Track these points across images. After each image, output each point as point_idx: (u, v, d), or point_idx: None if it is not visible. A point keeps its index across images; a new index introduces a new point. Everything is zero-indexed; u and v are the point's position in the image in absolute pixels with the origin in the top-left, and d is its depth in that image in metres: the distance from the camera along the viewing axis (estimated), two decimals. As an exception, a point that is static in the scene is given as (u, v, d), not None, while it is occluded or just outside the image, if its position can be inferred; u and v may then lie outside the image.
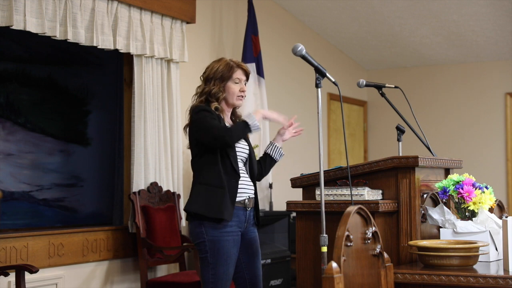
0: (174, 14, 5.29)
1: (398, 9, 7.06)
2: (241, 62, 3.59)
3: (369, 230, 2.64)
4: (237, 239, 3.37)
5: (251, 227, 3.50)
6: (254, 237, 3.52)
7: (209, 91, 3.45)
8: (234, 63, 3.53)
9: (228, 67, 3.50)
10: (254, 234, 3.53)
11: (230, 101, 3.49)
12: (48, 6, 4.31)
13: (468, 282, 2.64)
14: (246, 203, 3.41)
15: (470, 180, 3.14)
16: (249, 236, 3.49)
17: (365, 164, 3.15)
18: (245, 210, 3.40)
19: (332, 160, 8.16)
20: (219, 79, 3.47)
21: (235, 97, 3.49)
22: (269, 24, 6.95)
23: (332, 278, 2.30)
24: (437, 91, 8.62)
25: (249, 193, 3.43)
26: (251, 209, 3.45)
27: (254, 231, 3.53)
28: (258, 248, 3.54)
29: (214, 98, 3.44)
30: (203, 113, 3.36)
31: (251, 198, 3.44)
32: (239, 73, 3.50)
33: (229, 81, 3.47)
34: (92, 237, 4.80)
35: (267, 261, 5.56)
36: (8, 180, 4.73)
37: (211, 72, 3.50)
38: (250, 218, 3.47)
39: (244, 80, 3.53)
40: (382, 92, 4.05)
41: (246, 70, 3.55)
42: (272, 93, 6.79)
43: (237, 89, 3.48)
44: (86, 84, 5.32)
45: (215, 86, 3.45)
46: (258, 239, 3.58)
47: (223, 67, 3.49)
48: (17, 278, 3.89)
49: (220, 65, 3.51)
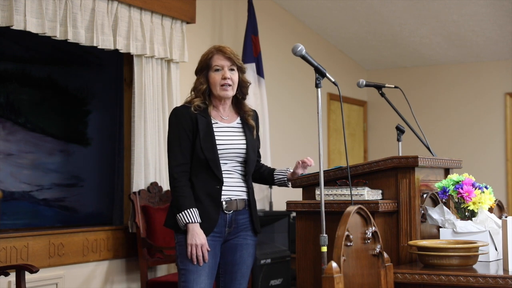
0: (174, 14, 5.29)
1: (398, 9, 7.06)
2: (223, 45, 3.19)
3: (369, 230, 2.64)
4: (211, 244, 3.11)
5: (244, 232, 3.22)
6: (242, 244, 3.22)
7: (194, 85, 3.19)
8: (213, 48, 3.17)
9: (207, 54, 3.16)
10: (245, 241, 3.23)
11: (214, 93, 3.15)
12: (48, 6, 4.31)
13: (468, 282, 2.64)
14: (224, 206, 3.14)
15: (470, 180, 3.14)
16: (235, 242, 3.21)
17: (365, 164, 3.15)
18: (224, 214, 3.15)
19: (332, 160, 8.16)
20: (200, 70, 3.18)
21: (218, 88, 3.13)
22: (269, 24, 6.95)
23: (332, 278, 2.31)
24: (437, 91, 8.62)
25: (230, 195, 3.17)
26: (237, 212, 3.18)
27: (246, 238, 3.23)
28: (243, 257, 3.22)
29: (198, 92, 3.16)
30: (171, 129, 3.13)
31: (233, 201, 3.17)
32: (219, 59, 3.13)
33: (209, 71, 3.14)
34: (92, 237, 4.81)
35: (267, 261, 5.57)
36: (8, 180, 4.73)
37: (198, 64, 3.21)
38: (239, 222, 3.20)
39: (228, 66, 3.13)
40: (382, 92, 4.05)
41: (227, 53, 3.13)
42: (272, 93, 6.79)
43: (218, 78, 3.12)
44: (86, 84, 5.32)
45: (197, 79, 3.17)
46: (252, 248, 3.26)
47: (203, 56, 3.18)
48: (17, 278, 3.89)
49: (203, 54, 3.20)
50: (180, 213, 3.07)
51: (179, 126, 3.12)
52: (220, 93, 3.15)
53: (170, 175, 3.13)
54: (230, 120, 3.24)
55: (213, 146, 3.11)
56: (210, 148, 3.10)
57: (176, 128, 3.13)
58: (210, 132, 3.12)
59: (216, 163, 3.11)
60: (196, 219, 3.07)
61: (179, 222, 3.09)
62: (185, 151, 3.11)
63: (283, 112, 7.22)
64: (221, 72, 3.13)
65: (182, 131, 3.11)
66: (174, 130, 3.13)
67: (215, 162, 3.11)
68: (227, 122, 3.22)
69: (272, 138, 6.56)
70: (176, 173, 3.10)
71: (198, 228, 3.07)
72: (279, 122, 7.04)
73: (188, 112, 3.13)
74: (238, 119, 3.27)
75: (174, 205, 3.12)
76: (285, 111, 7.26)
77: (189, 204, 3.07)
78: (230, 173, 3.18)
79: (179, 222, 3.09)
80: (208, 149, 3.10)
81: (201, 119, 3.12)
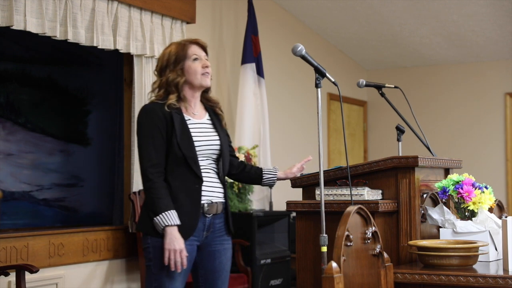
0: (174, 14, 5.29)
1: (398, 9, 7.06)
2: (195, 38, 3.19)
3: (369, 230, 2.64)
4: (188, 249, 2.98)
5: (220, 237, 3.13)
6: (220, 250, 3.12)
7: (166, 80, 3.05)
8: (186, 40, 3.14)
9: (181, 46, 3.10)
10: (222, 246, 3.13)
11: (195, 82, 3.07)
12: (48, 6, 4.31)
13: (468, 282, 2.65)
14: (205, 209, 3.05)
15: (470, 180, 3.14)
16: (213, 248, 3.11)
17: (365, 164, 3.16)
18: (204, 217, 3.05)
19: (332, 160, 8.16)
20: (173, 63, 3.06)
21: (199, 76, 3.07)
22: (269, 24, 6.95)
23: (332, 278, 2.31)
24: (437, 91, 8.62)
25: (211, 197, 3.07)
26: (215, 216, 3.08)
27: (223, 243, 3.14)
28: (223, 263, 3.13)
29: (173, 87, 3.04)
30: (143, 128, 2.99)
31: (214, 203, 3.07)
32: (195, 49, 3.10)
33: (186, 61, 3.06)
34: (92, 237, 4.81)
35: (267, 261, 5.57)
36: (8, 180, 4.73)
37: (164, 60, 3.10)
38: (216, 227, 3.10)
39: (204, 56, 3.11)
40: (382, 92, 4.05)
41: (203, 44, 3.13)
42: (272, 93, 6.79)
43: (198, 66, 3.07)
44: (86, 84, 5.32)
45: (171, 73, 3.05)
46: (230, 251, 3.17)
47: (175, 49, 3.10)
48: (18, 278, 3.89)
49: (171, 49, 3.11)
50: (158, 216, 2.91)
51: (151, 124, 2.98)
52: (202, 82, 3.09)
53: (144, 175, 2.98)
54: (200, 116, 3.15)
55: (190, 143, 3.01)
56: (187, 145, 3.00)
57: (149, 126, 2.99)
58: (186, 129, 3.03)
59: (195, 160, 3.00)
60: (175, 221, 2.91)
61: (156, 226, 2.92)
62: (159, 150, 2.98)
63: (283, 112, 7.22)
64: (200, 61, 3.09)
65: (155, 129, 2.98)
66: (146, 129, 2.99)
67: (194, 159, 3.00)
68: (198, 118, 3.14)
69: (272, 138, 6.55)
70: (151, 174, 2.96)
71: (177, 232, 2.92)
72: (279, 122, 7.04)
73: (161, 109, 3.01)
74: (207, 115, 3.19)
75: (150, 208, 2.96)
76: (285, 111, 7.26)
77: (167, 206, 2.92)
78: (207, 171, 3.07)
79: (157, 226, 2.92)
80: (185, 146, 2.99)
81: (175, 116, 3.01)
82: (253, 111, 6.19)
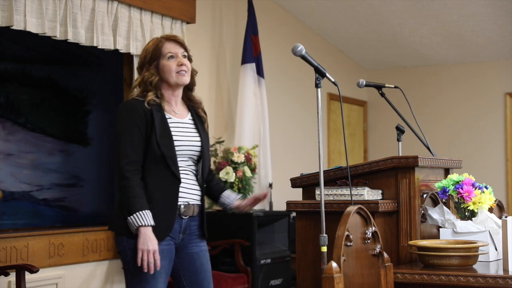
0: (174, 14, 5.29)
1: (398, 9, 7.06)
2: (173, 34, 3.10)
3: (369, 230, 2.64)
4: (167, 249, 2.93)
5: (195, 239, 3.06)
6: (198, 252, 3.06)
7: (142, 78, 2.99)
8: (162, 37, 3.04)
9: (155, 44, 3.00)
10: (199, 248, 3.07)
11: (171, 81, 2.99)
12: (48, 6, 4.31)
13: (468, 282, 2.65)
14: (182, 210, 2.97)
15: (470, 180, 3.14)
16: (190, 250, 3.05)
17: (365, 164, 3.16)
18: (180, 219, 2.97)
19: (332, 160, 8.16)
20: (148, 61, 2.99)
21: (173, 75, 2.98)
22: (269, 24, 6.95)
23: (332, 278, 2.31)
24: (437, 91, 8.62)
25: (188, 199, 3.00)
26: (191, 218, 3.02)
27: (199, 245, 3.07)
28: (204, 264, 3.08)
29: (149, 85, 2.97)
30: (121, 124, 2.93)
31: (190, 205, 3.00)
32: (171, 46, 3.00)
33: (160, 60, 2.99)
34: (92, 237, 4.81)
35: (267, 261, 5.57)
36: (8, 180, 4.73)
37: (142, 58, 3.03)
38: (192, 229, 3.04)
39: (181, 53, 3.02)
40: (382, 92, 4.05)
41: (180, 41, 3.03)
42: (272, 93, 6.79)
43: (173, 65, 2.98)
44: (86, 84, 5.32)
45: (147, 72, 2.98)
46: (207, 253, 3.12)
47: (151, 46, 3.01)
48: (18, 278, 3.89)
49: (148, 46, 3.03)
50: (132, 215, 2.82)
51: (131, 121, 2.91)
52: (178, 80, 3.00)
53: (120, 173, 2.89)
54: (182, 115, 3.07)
55: (170, 142, 2.93)
56: (167, 144, 2.92)
57: (128, 123, 2.91)
58: (166, 127, 2.95)
59: (174, 160, 2.92)
60: (149, 222, 2.83)
61: (130, 225, 2.83)
62: (137, 148, 2.90)
63: (283, 112, 7.22)
64: (176, 59, 3.00)
65: (134, 127, 2.91)
66: (125, 125, 2.92)
67: (173, 159, 2.92)
68: (180, 117, 3.06)
69: (272, 138, 6.56)
70: (128, 171, 2.87)
71: (151, 232, 2.83)
72: (279, 122, 7.04)
73: (141, 106, 2.94)
74: (189, 114, 3.11)
75: (124, 206, 2.87)
76: (285, 111, 7.26)
77: (142, 206, 2.83)
78: (185, 172, 3.00)
79: (130, 226, 2.84)
80: (165, 145, 2.91)
81: (156, 114, 2.93)
82: (253, 111, 6.19)
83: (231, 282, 5.18)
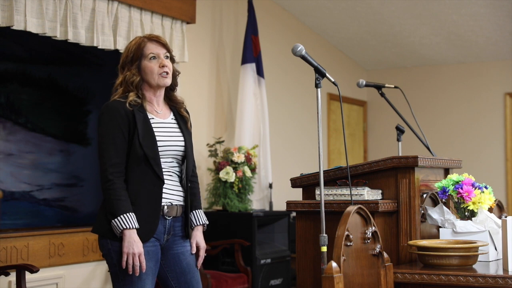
0: (174, 14, 5.29)
1: (398, 9, 7.06)
2: (155, 34, 3.05)
3: (369, 230, 2.64)
4: (152, 250, 2.90)
5: (179, 240, 3.02)
6: (183, 252, 3.02)
7: (124, 78, 2.96)
8: (144, 37, 2.99)
9: (137, 43, 2.96)
10: (185, 248, 3.03)
11: (152, 82, 2.95)
12: (49, 7, 4.32)
13: (468, 281, 2.65)
14: (165, 211, 2.93)
15: (470, 180, 3.14)
16: (175, 251, 3.01)
17: (365, 164, 3.16)
18: (164, 219, 2.94)
19: (332, 160, 8.16)
20: (130, 61, 2.95)
21: (155, 76, 2.94)
22: (269, 24, 6.96)
23: (332, 278, 2.31)
24: (436, 91, 8.62)
25: (171, 199, 2.96)
26: (175, 218, 2.98)
27: (184, 245, 3.03)
28: (190, 263, 3.04)
29: (130, 85, 2.94)
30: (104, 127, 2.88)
31: (173, 206, 2.96)
32: (153, 47, 2.96)
33: (142, 60, 2.95)
34: (93, 236, 4.81)
35: (267, 261, 5.57)
36: (9, 180, 4.74)
37: (123, 57, 2.98)
38: (176, 230, 3.00)
39: (164, 54, 2.97)
40: (382, 92, 4.06)
41: (162, 41, 2.98)
42: (272, 93, 6.80)
43: (155, 66, 2.94)
44: (86, 84, 5.32)
45: (128, 71, 2.95)
46: (192, 254, 3.07)
47: (133, 46, 2.96)
48: (18, 277, 3.90)
49: (131, 45, 2.98)
50: (116, 218, 2.80)
51: (113, 123, 2.87)
52: (160, 82, 2.95)
53: (103, 176, 2.85)
54: (165, 115, 3.03)
55: (153, 143, 2.89)
56: (150, 145, 2.88)
57: (110, 125, 2.88)
58: (149, 128, 2.91)
59: (157, 161, 2.89)
60: (134, 224, 2.81)
61: (114, 228, 2.81)
62: (120, 150, 2.86)
63: (283, 112, 7.23)
64: (158, 60, 2.95)
65: (116, 129, 2.87)
66: (107, 128, 2.88)
67: (156, 160, 2.88)
68: (162, 117, 3.02)
69: (272, 138, 6.56)
70: (111, 174, 2.83)
71: (136, 235, 2.81)
72: (279, 122, 7.05)
73: (123, 108, 2.90)
74: (171, 114, 3.07)
75: (108, 210, 2.84)
76: (285, 111, 7.26)
77: (126, 209, 2.81)
78: (169, 173, 2.96)
79: (114, 229, 2.81)
80: (147, 146, 2.88)
81: (138, 114, 2.90)
82: (253, 111, 6.19)
83: (231, 282, 5.19)
